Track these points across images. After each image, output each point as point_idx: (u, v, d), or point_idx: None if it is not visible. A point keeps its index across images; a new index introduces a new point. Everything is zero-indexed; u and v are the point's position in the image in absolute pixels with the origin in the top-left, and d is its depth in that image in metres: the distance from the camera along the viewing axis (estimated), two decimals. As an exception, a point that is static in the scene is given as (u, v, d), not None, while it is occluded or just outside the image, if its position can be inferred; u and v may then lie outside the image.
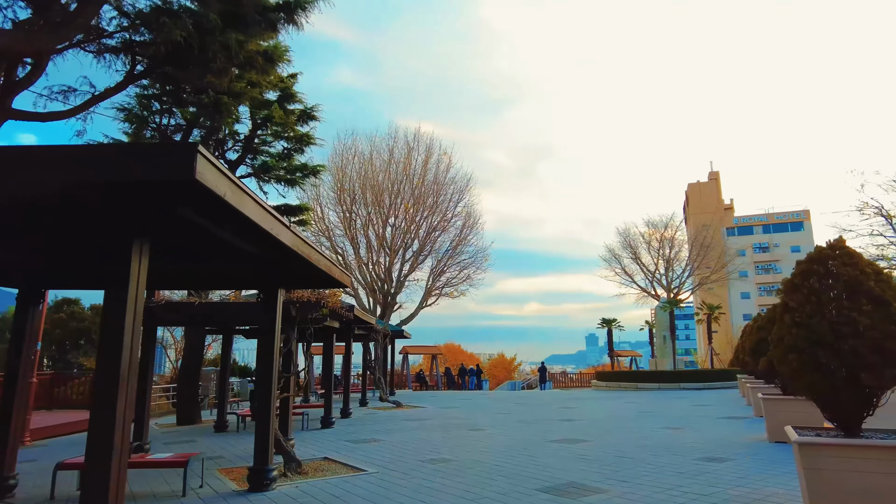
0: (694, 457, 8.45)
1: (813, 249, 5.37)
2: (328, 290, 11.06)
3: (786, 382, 5.16)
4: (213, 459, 9.61)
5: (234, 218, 4.19)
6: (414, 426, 13.74)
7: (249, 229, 4.53)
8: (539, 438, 11.07)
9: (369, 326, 17.20)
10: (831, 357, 4.68)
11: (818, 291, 4.91)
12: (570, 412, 16.93)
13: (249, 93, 16.09)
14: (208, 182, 3.45)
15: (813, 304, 4.91)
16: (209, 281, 8.00)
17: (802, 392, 5.03)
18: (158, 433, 14.16)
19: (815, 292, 4.93)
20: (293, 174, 18.00)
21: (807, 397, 5.06)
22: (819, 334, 4.78)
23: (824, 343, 4.74)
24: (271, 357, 7.09)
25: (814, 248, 5.29)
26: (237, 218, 4.13)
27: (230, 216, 4.15)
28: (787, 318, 5.12)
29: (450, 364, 47.52)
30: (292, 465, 8.14)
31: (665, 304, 34.76)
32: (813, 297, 4.92)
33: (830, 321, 4.75)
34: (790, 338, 5.00)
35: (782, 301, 5.32)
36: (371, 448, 10.39)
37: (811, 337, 4.85)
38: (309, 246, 5.71)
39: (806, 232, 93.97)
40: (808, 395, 4.98)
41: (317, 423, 14.14)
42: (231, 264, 6.91)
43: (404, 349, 37.01)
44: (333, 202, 31.95)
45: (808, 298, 4.96)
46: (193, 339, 16.65)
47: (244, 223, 4.27)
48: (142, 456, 7.03)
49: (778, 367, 5.27)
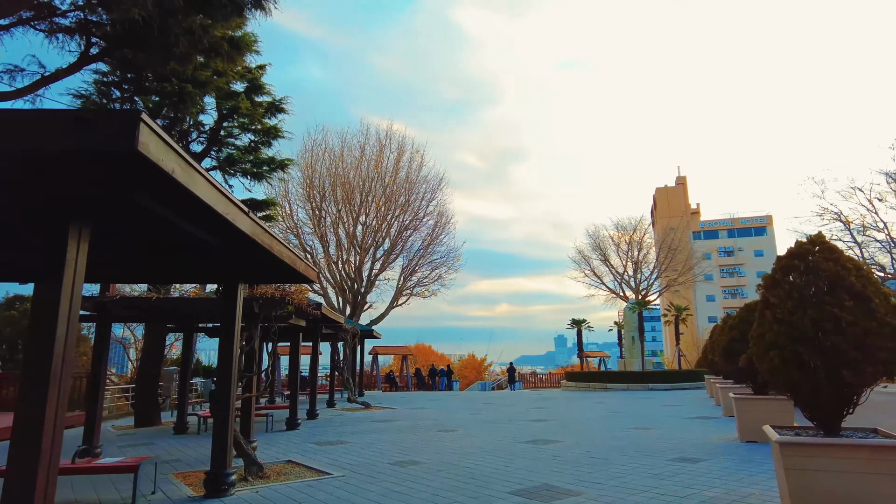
0: (667, 457, 8.33)
1: (777, 252, 5.26)
2: (294, 287, 10.66)
3: (765, 380, 5.00)
4: (170, 463, 9.12)
5: (184, 199, 3.82)
6: (382, 428, 13.39)
7: (203, 213, 4.17)
8: (510, 439, 10.86)
9: (338, 325, 16.77)
10: (813, 354, 4.55)
11: (799, 287, 4.78)
12: (540, 412, 16.79)
13: (215, 82, 15.52)
14: (152, 155, 3.10)
15: (794, 299, 4.78)
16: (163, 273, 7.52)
17: (782, 390, 4.90)
18: (114, 436, 13.50)
19: (796, 288, 4.80)
20: (260, 168, 17.44)
21: (787, 395, 4.93)
22: (801, 331, 4.65)
23: (806, 339, 4.61)
24: (230, 355, 6.69)
25: (794, 244, 5.16)
26: (188, 199, 3.77)
27: (180, 197, 3.78)
28: (767, 314, 4.98)
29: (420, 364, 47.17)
30: (253, 468, 7.74)
31: (634, 305, 35.09)
32: (794, 293, 4.79)
33: (812, 317, 4.62)
34: (771, 334, 4.86)
35: (762, 297, 5.18)
36: (337, 450, 10.02)
37: (793, 333, 4.71)
38: (270, 235, 5.35)
39: (769, 237, 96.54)
40: (789, 392, 4.85)
41: (282, 425, 13.66)
42: (187, 255, 6.49)
43: (374, 349, 36.53)
44: (302, 199, 31.27)
45: (789, 294, 4.83)
46: (153, 337, 15.95)
47: (196, 206, 3.91)
48: (89, 461, 6.54)
49: (758, 365, 5.13)
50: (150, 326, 16.07)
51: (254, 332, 9.55)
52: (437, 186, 33.88)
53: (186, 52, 11.08)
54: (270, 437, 12.13)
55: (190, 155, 13.37)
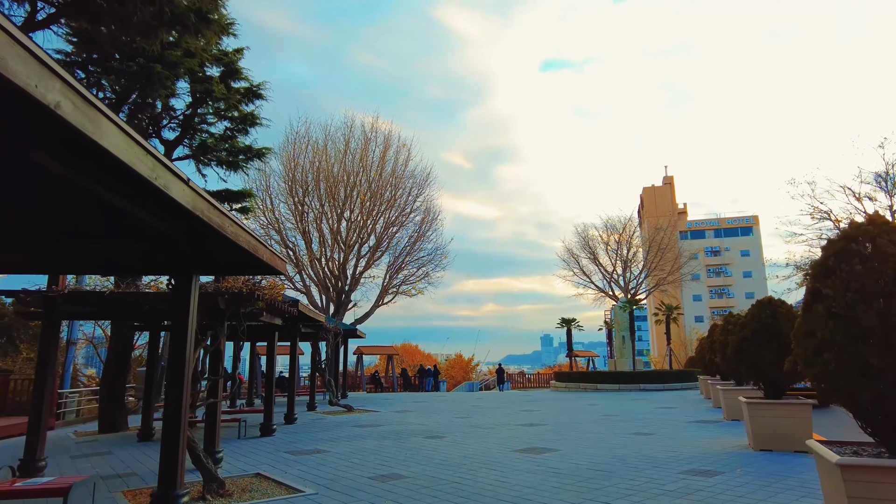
0: (678, 469, 7.51)
1: (763, 252, 4.48)
2: (269, 282, 9.71)
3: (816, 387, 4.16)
4: (123, 477, 8.15)
5: (90, 155, 2.90)
6: (364, 434, 12.46)
7: (120, 176, 3.24)
8: (502, 447, 9.99)
9: (318, 324, 15.80)
10: (882, 356, 3.73)
11: (861, 276, 3.95)
12: (531, 416, 15.96)
13: (187, 63, 14.48)
14: (18, 78, 2.16)
15: (854, 291, 3.95)
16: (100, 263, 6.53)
17: (838, 398, 4.07)
18: (72, 444, 12.44)
19: (856, 276, 3.97)
20: (236, 157, 16.42)
21: (844, 405, 4.10)
22: (864, 328, 3.83)
23: (872, 339, 3.79)
24: (183, 357, 5.74)
25: (848, 225, 4.34)
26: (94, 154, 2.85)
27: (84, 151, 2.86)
28: (819, 308, 4.16)
29: (407, 364, 46.21)
30: (213, 485, 6.79)
31: (625, 304, 34.45)
32: (854, 283, 3.97)
33: (879, 312, 3.80)
34: (825, 333, 4.04)
35: (811, 288, 4.36)
36: (313, 461, 9.08)
37: (853, 331, 3.89)
38: (221, 213, 4.42)
39: (755, 237, 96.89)
40: (848, 402, 4.02)
41: (256, 431, 12.69)
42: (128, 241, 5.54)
43: (359, 349, 35.51)
44: (284, 193, 30.21)
45: (846, 284, 4.01)
46: (119, 335, 14.88)
47: (108, 164, 2.98)
48: (12, 482, 5.56)
49: (804, 369, 4.31)
50: (116, 324, 15.01)
51: (220, 331, 8.59)
52: (424, 181, 33.03)
53: (148, 23, 10.09)
54: (242, 444, 11.16)
55: (164, 143, 12.13)
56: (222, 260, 6.08)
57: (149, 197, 3.86)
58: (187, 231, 4.92)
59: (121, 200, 3.88)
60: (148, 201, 4.03)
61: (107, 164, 3.03)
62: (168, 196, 3.59)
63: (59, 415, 18.19)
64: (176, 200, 3.69)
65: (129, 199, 3.99)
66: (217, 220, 4.40)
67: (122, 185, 3.64)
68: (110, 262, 6.36)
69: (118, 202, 3.87)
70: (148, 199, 3.98)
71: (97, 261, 6.23)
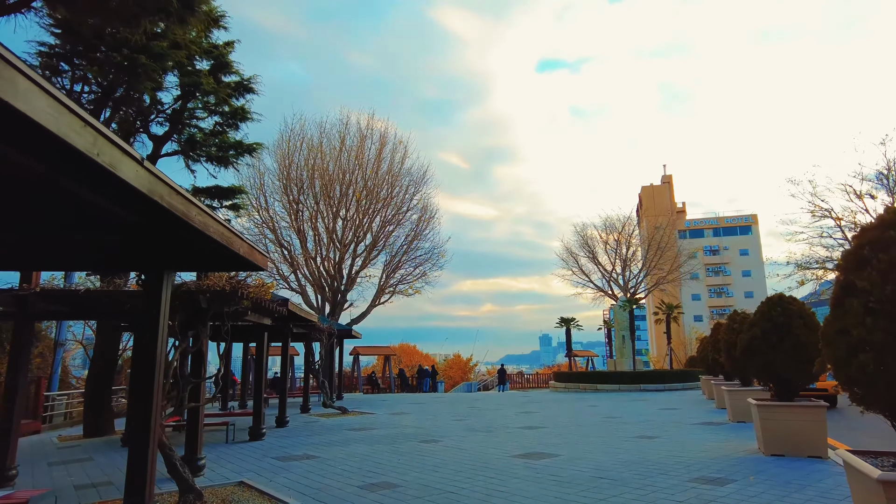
0: (687, 476, 7.08)
1: (762, 251, 4.03)
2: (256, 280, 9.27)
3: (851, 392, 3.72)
4: (97, 487, 7.69)
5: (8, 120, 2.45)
6: (358, 438, 12.00)
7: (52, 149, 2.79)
8: (500, 452, 9.55)
9: (311, 324, 15.34)
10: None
11: (902, 266, 3.52)
12: (531, 418, 15.52)
13: (174, 55, 14.02)
14: None
15: (894, 283, 3.52)
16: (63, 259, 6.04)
17: (878, 405, 3.63)
18: (54, 449, 11.99)
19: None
20: (226, 152, 15.94)
21: (884, 412, 3.66)
22: (908, 325, 3.40)
23: (917, 337, 3.35)
24: (153, 359, 5.26)
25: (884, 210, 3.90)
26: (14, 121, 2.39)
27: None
28: (853, 303, 3.72)
29: (405, 365, 45.75)
30: (189, 496, 6.34)
31: (625, 303, 34.00)
32: (894, 274, 3.53)
33: (925, 306, 3.37)
34: (861, 330, 3.60)
35: (842, 281, 3.92)
36: (302, 468, 8.63)
37: (894, 328, 3.46)
38: (185, 199, 3.96)
39: (754, 236, 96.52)
40: (890, 408, 3.58)
41: (245, 435, 12.24)
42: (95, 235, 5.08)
43: (355, 350, 35.04)
44: (279, 192, 29.68)
45: (886, 276, 3.57)
46: (106, 336, 14.41)
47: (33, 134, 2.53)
48: (-33, 495, 5.11)
49: (836, 372, 3.87)
50: (102, 324, 14.54)
51: (202, 332, 8.14)
52: (420, 179, 32.54)
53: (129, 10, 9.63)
54: (229, 449, 10.71)
55: (152, 138, 11.50)
56: (196, 255, 5.62)
57: (99, 180, 3.41)
58: (153, 222, 4.47)
59: (69, 183, 3.43)
60: (100, 185, 3.57)
61: (35, 137, 2.57)
62: (118, 178, 3.13)
63: (47, 418, 17.74)
64: (128, 183, 3.23)
65: (78, 183, 3.53)
66: (180, 206, 3.94)
67: (66, 165, 3.18)
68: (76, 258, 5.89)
69: (68, 185, 3.41)
70: (100, 183, 3.52)
71: (59, 257, 5.76)
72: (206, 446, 11.13)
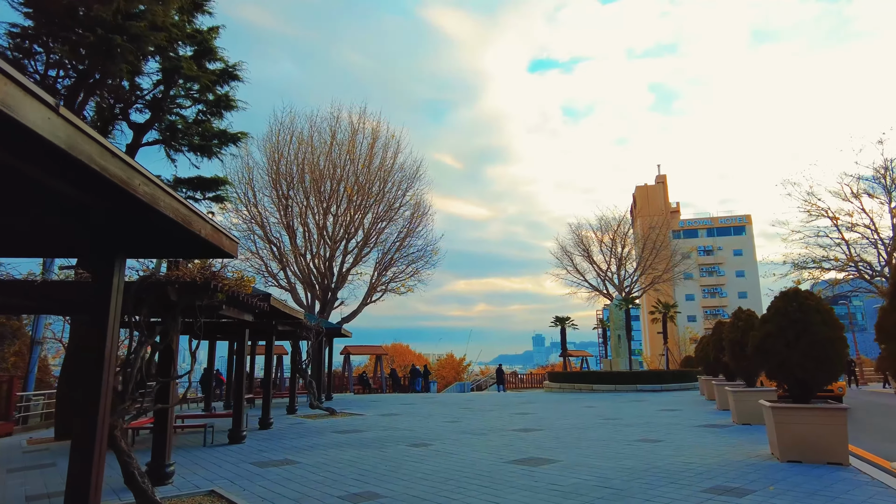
0: (700, 486, 6.47)
1: (756, 252, 3.42)
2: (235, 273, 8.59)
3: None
4: (50, 498, 7.01)
5: None
6: (343, 441, 11.35)
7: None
8: (495, 457, 8.92)
9: (296, 322, 14.65)
10: None
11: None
12: (527, 420, 14.91)
13: (153, 38, 13.29)
14: None
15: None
16: None
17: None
18: (19, 453, 11.26)
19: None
20: (209, 141, 15.25)
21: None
22: None
23: None
24: (102, 358, 4.61)
25: None
26: None
27: None
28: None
29: (398, 365, 45.04)
30: (150, 510, 5.68)
31: (620, 302, 33.48)
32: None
33: None
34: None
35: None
36: (280, 474, 7.98)
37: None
38: (124, 163, 3.30)
39: (748, 236, 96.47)
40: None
41: (225, 437, 11.57)
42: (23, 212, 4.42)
43: (346, 349, 34.32)
44: (268, 187, 28.92)
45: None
46: (77, 333, 13.68)
47: None
48: None
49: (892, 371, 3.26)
50: (76, 319, 13.81)
51: (171, 327, 7.46)
52: (413, 175, 31.87)
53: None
54: (205, 454, 10.03)
55: (132, 126, 10.65)
56: (154, 237, 4.97)
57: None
58: (91, 194, 3.81)
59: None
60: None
61: None
62: (22, 125, 2.48)
63: (22, 419, 16.96)
64: (37, 134, 2.59)
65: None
66: (118, 172, 3.29)
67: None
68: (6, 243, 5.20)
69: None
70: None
71: None
72: (182, 450, 10.46)
